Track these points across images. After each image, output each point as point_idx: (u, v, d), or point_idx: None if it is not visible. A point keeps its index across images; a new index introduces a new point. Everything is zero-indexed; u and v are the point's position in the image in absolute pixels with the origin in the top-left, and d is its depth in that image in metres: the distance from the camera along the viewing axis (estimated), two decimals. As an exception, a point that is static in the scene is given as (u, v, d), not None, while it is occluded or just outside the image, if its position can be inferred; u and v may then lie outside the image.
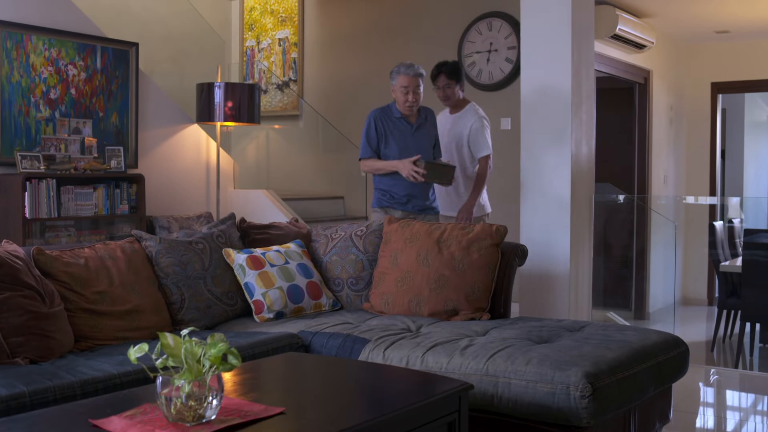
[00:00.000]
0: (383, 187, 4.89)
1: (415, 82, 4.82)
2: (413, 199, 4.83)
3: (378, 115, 4.94)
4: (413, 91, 4.82)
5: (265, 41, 8.27)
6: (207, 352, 2.11)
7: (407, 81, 4.82)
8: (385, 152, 4.87)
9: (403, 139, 4.86)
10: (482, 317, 3.86)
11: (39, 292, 3.18)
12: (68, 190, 5.29)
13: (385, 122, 4.91)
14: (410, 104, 4.84)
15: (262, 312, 3.93)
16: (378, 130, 4.90)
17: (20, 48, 5.25)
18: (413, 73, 4.84)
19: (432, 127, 5.00)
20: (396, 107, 4.93)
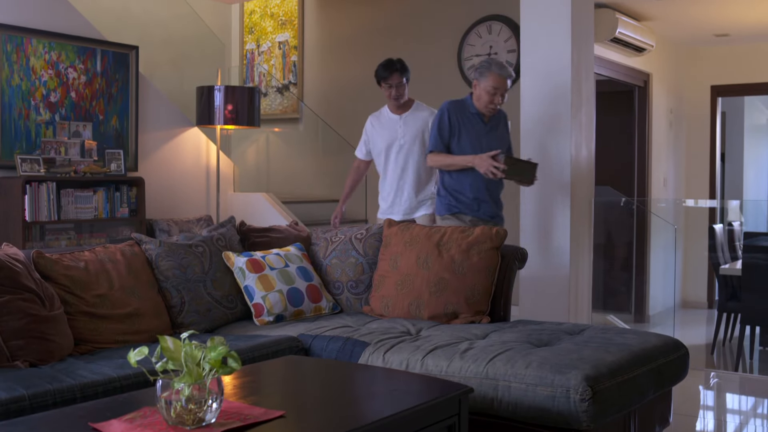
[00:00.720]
0: (452, 188, 4.60)
1: (505, 85, 4.49)
2: (483, 204, 4.59)
3: (452, 107, 4.60)
4: (501, 93, 4.50)
5: (265, 44, 8.28)
6: (207, 356, 2.11)
7: (498, 82, 4.47)
8: (456, 148, 4.58)
9: (477, 136, 4.57)
10: (482, 320, 3.86)
11: (39, 296, 3.18)
12: (68, 193, 5.30)
13: (459, 116, 4.58)
14: (495, 106, 4.54)
15: (262, 315, 3.93)
16: (452, 122, 4.56)
17: (20, 51, 5.26)
18: (506, 74, 4.49)
19: (505, 129, 4.74)
20: (472, 102, 4.61)
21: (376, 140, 5.17)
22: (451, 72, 7.06)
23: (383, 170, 5.16)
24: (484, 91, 4.49)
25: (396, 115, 5.11)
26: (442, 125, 4.57)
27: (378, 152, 5.16)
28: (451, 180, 4.60)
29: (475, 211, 4.58)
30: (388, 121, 5.13)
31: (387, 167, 5.12)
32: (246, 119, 6.31)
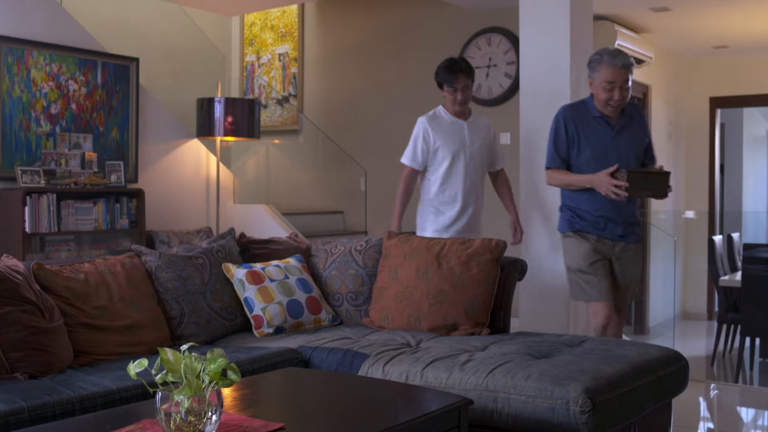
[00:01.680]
0: (572, 204, 4.11)
1: (622, 76, 3.85)
2: (610, 223, 4.06)
3: (569, 113, 4.04)
4: (620, 87, 3.86)
5: (265, 56, 8.30)
6: (207, 368, 2.11)
7: (612, 74, 3.86)
8: (576, 162, 4.06)
9: (602, 145, 3.99)
10: (482, 332, 3.86)
11: (39, 307, 3.18)
12: (68, 205, 5.30)
13: (577, 122, 4.02)
14: (616, 104, 3.91)
15: (262, 327, 3.93)
16: (569, 132, 4.02)
17: (21, 63, 5.27)
18: (621, 63, 3.85)
19: (639, 127, 4.07)
20: (594, 104, 4.03)
21: (438, 146, 4.66)
22: (451, 84, 7.06)
23: (443, 180, 4.70)
24: (600, 87, 3.91)
25: (459, 119, 4.70)
26: (558, 137, 4.02)
27: (440, 160, 4.68)
28: (573, 194, 4.10)
29: (600, 230, 4.07)
30: (451, 126, 4.69)
31: (451, 177, 4.69)
32: (246, 131, 6.32)
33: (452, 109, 4.70)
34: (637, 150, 4.07)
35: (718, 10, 6.57)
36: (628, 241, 4.10)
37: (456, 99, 4.61)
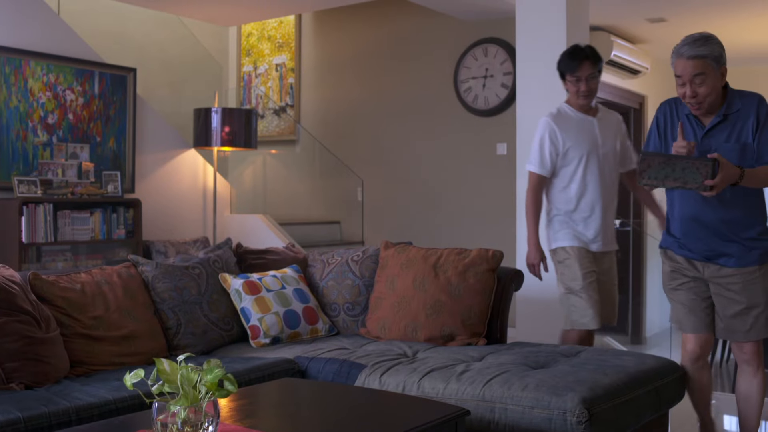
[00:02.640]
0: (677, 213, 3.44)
1: (693, 69, 3.21)
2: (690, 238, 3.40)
3: (666, 107, 3.48)
4: (688, 81, 3.24)
5: (263, 67, 8.32)
6: (203, 378, 2.10)
7: (681, 67, 3.28)
8: None
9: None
10: (479, 342, 3.85)
11: (35, 317, 3.18)
12: (65, 215, 5.30)
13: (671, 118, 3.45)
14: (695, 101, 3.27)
15: (259, 337, 3.93)
16: (659, 128, 3.47)
17: (18, 73, 5.28)
18: (692, 53, 3.21)
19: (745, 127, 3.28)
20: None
21: (569, 147, 4.11)
22: (448, 94, 7.09)
23: (580, 185, 4.13)
24: (677, 84, 3.33)
25: (588, 116, 4.17)
26: (651, 132, 3.53)
27: (570, 161, 4.13)
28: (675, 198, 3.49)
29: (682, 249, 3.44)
30: (579, 123, 4.15)
31: (586, 182, 4.13)
32: (243, 141, 6.33)
33: (577, 104, 4.17)
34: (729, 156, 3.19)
35: (714, 21, 6.59)
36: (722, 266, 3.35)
37: (579, 90, 4.08)
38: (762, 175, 3.21)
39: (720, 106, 3.29)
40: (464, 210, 6.95)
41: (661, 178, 3.11)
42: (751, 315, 3.31)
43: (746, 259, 3.30)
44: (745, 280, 3.30)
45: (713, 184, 3.03)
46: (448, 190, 7.05)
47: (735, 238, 3.29)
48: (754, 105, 3.27)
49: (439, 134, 7.14)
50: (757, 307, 3.31)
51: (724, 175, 3.05)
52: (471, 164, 6.93)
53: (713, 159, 3.05)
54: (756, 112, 3.25)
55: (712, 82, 3.21)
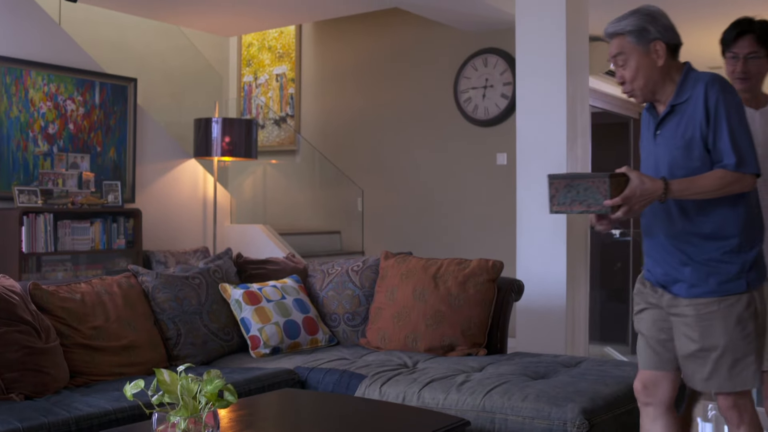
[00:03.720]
0: None
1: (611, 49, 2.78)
2: None
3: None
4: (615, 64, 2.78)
5: (263, 77, 8.33)
6: (203, 389, 2.10)
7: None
8: None
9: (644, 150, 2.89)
10: (479, 353, 3.85)
11: (35, 328, 3.18)
12: (65, 225, 5.30)
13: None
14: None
15: (259, 347, 3.92)
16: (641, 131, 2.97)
17: (19, 83, 5.29)
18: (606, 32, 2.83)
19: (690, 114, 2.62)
20: None
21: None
22: (448, 104, 7.10)
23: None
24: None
25: (749, 107, 3.08)
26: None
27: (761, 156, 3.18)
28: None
29: None
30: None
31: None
32: (243, 151, 6.34)
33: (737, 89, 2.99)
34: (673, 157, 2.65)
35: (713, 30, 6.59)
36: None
37: (735, 71, 3.18)
38: (708, 184, 2.53)
39: (671, 93, 2.68)
40: (464, 220, 6.96)
41: (568, 204, 2.60)
42: (710, 359, 2.58)
43: (700, 288, 2.59)
44: (698, 313, 2.59)
45: (613, 203, 2.48)
46: (449, 201, 7.05)
47: (689, 261, 2.61)
48: (702, 92, 2.59)
49: (440, 144, 7.15)
50: (714, 350, 2.56)
51: (632, 191, 2.50)
52: (471, 174, 6.93)
53: (612, 174, 2.53)
54: (704, 100, 2.58)
55: (636, 63, 2.66)
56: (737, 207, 2.59)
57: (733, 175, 2.50)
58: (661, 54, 2.64)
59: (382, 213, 7.41)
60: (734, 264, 2.56)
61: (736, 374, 2.56)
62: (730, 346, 2.55)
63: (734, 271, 2.56)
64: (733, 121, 2.53)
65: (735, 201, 2.57)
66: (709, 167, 2.55)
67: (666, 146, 2.66)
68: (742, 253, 2.57)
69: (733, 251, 2.57)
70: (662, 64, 2.64)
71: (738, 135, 2.52)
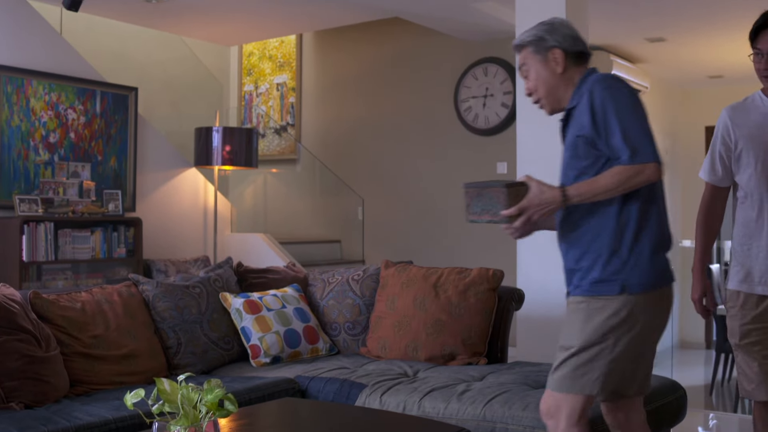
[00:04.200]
0: None
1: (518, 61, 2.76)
2: None
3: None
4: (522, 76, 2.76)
5: (264, 86, 8.35)
6: (203, 398, 2.10)
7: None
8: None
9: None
10: (479, 362, 3.85)
11: (35, 336, 3.17)
12: (66, 234, 5.30)
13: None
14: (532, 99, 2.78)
15: (259, 356, 3.92)
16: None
17: (20, 92, 5.30)
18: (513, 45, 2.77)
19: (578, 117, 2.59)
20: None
21: (741, 147, 3.08)
22: (448, 114, 7.11)
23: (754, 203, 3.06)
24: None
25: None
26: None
27: (743, 167, 3.08)
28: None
29: None
30: (760, 116, 3.08)
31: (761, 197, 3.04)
32: (244, 160, 6.34)
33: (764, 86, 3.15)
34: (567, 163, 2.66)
35: (713, 40, 6.62)
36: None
37: (760, 69, 3.04)
38: (607, 183, 2.47)
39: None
40: (464, 229, 6.96)
41: (479, 213, 2.58)
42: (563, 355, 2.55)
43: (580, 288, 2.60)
44: (570, 310, 2.63)
45: (508, 213, 2.48)
46: (449, 210, 7.05)
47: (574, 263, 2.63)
48: (587, 94, 2.54)
49: (440, 153, 7.16)
50: (570, 348, 2.53)
51: (529, 201, 2.50)
52: (471, 183, 6.93)
53: (510, 183, 2.51)
54: (590, 100, 2.52)
55: (536, 72, 2.66)
56: (624, 210, 2.52)
57: (630, 169, 2.44)
58: (560, 61, 2.63)
59: (383, 222, 7.41)
60: (610, 264, 2.50)
61: (578, 376, 2.48)
62: (585, 347, 2.49)
63: (609, 272, 2.50)
64: (622, 115, 2.46)
65: (623, 203, 2.51)
66: (602, 163, 2.51)
67: (563, 151, 2.68)
68: (622, 255, 2.49)
69: (611, 254, 2.50)
70: (562, 72, 2.63)
71: (629, 127, 2.45)
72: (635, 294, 2.46)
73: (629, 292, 2.46)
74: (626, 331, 2.45)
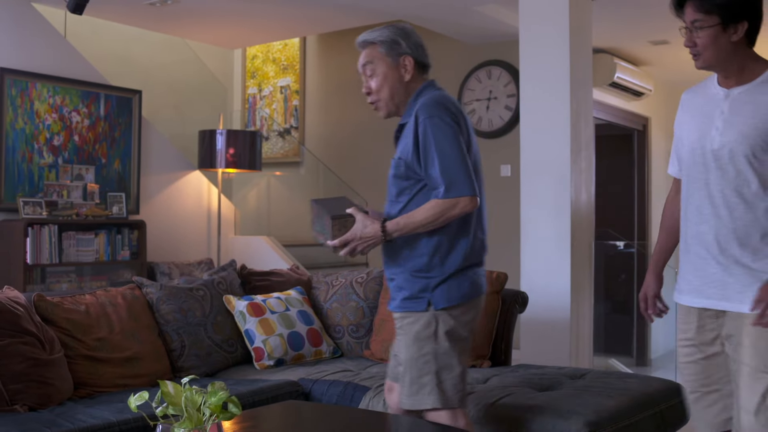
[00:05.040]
0: None
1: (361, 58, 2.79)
2: None
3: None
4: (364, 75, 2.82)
5: (267, 89, 8.35)
6: (207, 401, 2.10)
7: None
8: None
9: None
10: (483, 364, 3.84)
11: (39, 339, 3.18)
12: (70, 236, 5.31)
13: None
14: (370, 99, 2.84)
15: (263, 359, 3.92)
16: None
17: (25, 95, 5.31)
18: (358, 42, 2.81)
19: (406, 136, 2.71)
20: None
21: (682, 135, 2.64)
22: (452, 116, 7.10)
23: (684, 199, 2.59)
24: None
25: (723, 88, 2.47)
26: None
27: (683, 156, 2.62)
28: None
29: None
30: (707, 99, 2.53)
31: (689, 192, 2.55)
32: (247, 163, 6.35)
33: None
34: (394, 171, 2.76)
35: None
36: None
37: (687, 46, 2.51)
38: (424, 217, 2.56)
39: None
40: (468, 231, 6.95)
41: (319, 232, 2.73)
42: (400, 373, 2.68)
43: (393, 302, 2.72)
44: (396, 326, 2.73)
45: (332, 245, 2.61)
46: (452, 212, 7.04)
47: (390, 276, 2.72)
48: (414, 115, 2.62)
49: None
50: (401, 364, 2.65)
51: (352, 235, 2.60)
52: (475, 186, 6.93)
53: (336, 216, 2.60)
54: (414, 126, 2.61)
55: (383, 73, 2.69)
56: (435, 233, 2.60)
57: (446, 203, 2.53)
58: (409, 69, 2.68)
59: (386, 224, 7.40)
60: (418, 282, 2.60)
61: (413, 392, 2.58)
62: (409, 364, 2.59)
63: (416, 289, 2.60)
64: (441, 148, 2.54)
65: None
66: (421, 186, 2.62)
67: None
68: (429, 273, 2.59)
69: (422, 270, 2.60)
70: (409, 79, 2.69)
71: (446, 161, 2.53)
72: (446, 309, 2.58)
73: (436, 307, 2.57)
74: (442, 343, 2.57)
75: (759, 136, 2.34)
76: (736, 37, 2.37)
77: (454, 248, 2.61)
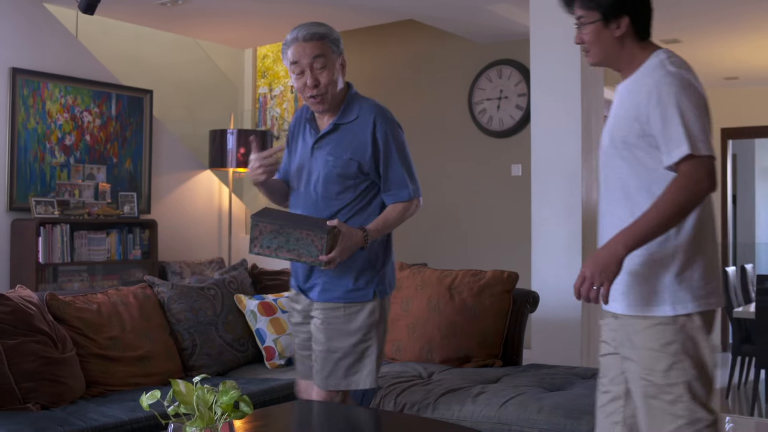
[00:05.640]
0: None
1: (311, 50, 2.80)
2: None
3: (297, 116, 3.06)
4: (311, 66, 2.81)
5: (278, 88, 8.36)
6: (219, 400, 2.10)
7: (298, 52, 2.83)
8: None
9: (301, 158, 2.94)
10: (494, 364, 3.84)
11: (52, 338, 3.19)
12: (81, 236, 5.33)
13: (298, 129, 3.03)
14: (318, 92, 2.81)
15: (274, 358, 3.93)
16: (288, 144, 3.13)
17: (37, 95, 5.33)
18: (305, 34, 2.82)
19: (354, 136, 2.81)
20: None
21: None
22: (463, 115, 7.10)
23: None
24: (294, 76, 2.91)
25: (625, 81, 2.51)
26: None
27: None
28: None
29: None
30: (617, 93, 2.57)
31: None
32: (258, 162, 6.35)
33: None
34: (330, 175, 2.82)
35: (728, 42, 6.59)
36: None
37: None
38: (396, 218, 2.82)
39: (338, 111, 2.84)
40: (479, 231, 6.95)
41: (274, 248, 2.77)
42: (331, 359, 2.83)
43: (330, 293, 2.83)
44: (326, 317, 2.84)
45: (328, 259, 2.65)
46: (463, 212, 7.04)
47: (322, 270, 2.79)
48: (370, 121, 2.79)
49: (454, 155, 7.15)
50: (336, 351, 2.81)
51: (344, 246, 2.68)
52: (485, 185, 6.93)
53: (329, 230, 2.63)
54: (372, 132, 2.77)
55: (332, 70, 2.79)
56: None
57: (411, 204, 2.85)
58: (344, 70, 2.87)
59: (397, 224, 7.40)
60: (365, 275, 2.82)
61: (351, 374, 2.82)
62: (350, 350, 2.80)
63: (363, 281, 2.81)
64: (403, 154, 2.83)
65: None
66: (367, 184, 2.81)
67: (323, 162, 2.82)
68: (375, 267, 2.84)
69: (369, 264, 2.83)
70: (342, 81, 2.87)
71: (408, 165, 2.84)
72: (384, 298, 2.86)
73: (380, 297, 2.84)
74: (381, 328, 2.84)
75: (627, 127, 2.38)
76: (619, 32, 2.40)
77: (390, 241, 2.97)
